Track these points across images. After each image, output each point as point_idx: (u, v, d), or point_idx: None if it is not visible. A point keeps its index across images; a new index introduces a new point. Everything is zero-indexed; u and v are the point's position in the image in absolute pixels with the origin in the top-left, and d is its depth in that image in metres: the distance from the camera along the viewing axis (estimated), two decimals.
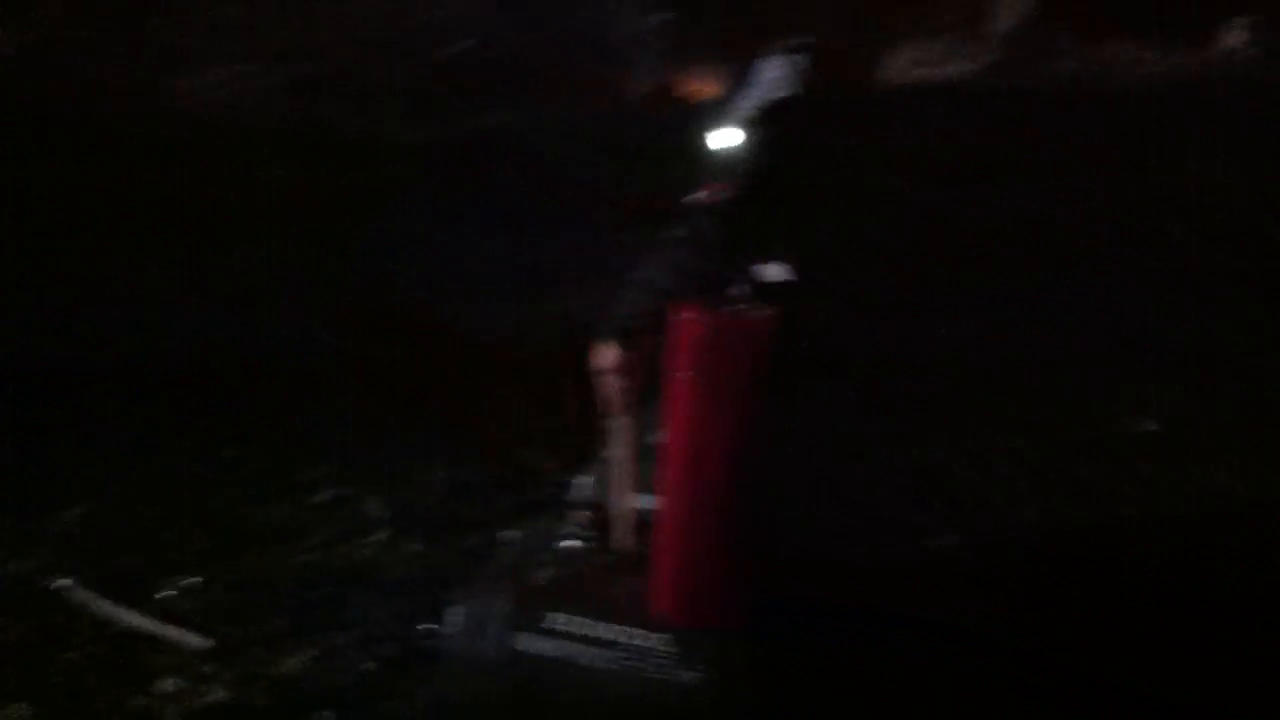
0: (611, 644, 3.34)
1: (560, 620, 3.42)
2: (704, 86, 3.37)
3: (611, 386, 3.35)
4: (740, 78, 3.20)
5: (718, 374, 3.13)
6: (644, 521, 3.54)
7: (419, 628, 3.97)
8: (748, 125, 3.12)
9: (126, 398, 5.39)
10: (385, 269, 6.43)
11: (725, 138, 3.17)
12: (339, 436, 5.18)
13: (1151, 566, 4.45)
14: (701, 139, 3.24)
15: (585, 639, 3.35)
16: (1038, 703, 3.75)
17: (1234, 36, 9.93)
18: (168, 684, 3.92)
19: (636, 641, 3.34)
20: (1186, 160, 8.07)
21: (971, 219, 7.37)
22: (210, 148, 7.59)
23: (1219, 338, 6.13)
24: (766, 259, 3.13)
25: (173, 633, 4.14)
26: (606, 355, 3.32)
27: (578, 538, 3.72)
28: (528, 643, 3.43)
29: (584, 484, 3.84)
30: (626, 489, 3.54)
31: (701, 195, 3.21)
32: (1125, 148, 8.27)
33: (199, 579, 4.38)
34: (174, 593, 4.33)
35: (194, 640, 4.11)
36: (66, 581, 4.34)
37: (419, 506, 4.77)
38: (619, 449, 3.51)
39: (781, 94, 3.08)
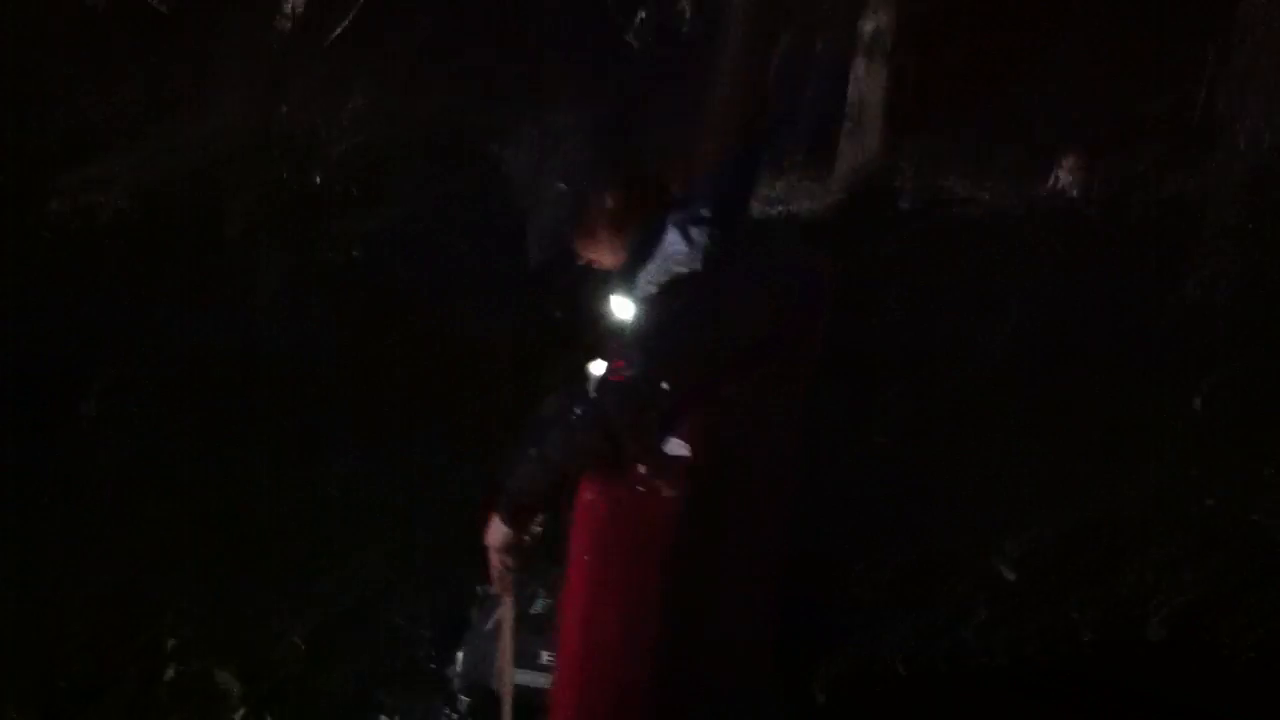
0: None
1: None
2: (600, 252, 3.08)
3: (497, 564, 3.10)
4: (638, 245, 2.97)
5: (620, 558, 2.94)
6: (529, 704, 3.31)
7: None
8: (646, 299, 2.93)
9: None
10: None
11: (622, 310, 3.01)
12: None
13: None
14: (598, 309, 3.09)
15: None
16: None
17: (1061, 176, 10.78)
18: None
19: None
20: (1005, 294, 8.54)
21: None
22: None
23: None
24: (668, 435, 2.91)
25: None
26: (495, 532, 3.06)
27: None
28: None
29: (462, 661, 3.67)
30: (507, 672, 3.28)
31: (601, 369, 3.03)
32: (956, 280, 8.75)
33: None
34: None
35: None
36: None
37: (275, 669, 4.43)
38: (502, 628, 3.29)
39: (681, 267, 2.88)
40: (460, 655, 3.70)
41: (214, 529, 4.76)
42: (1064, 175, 10.76)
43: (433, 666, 3.88)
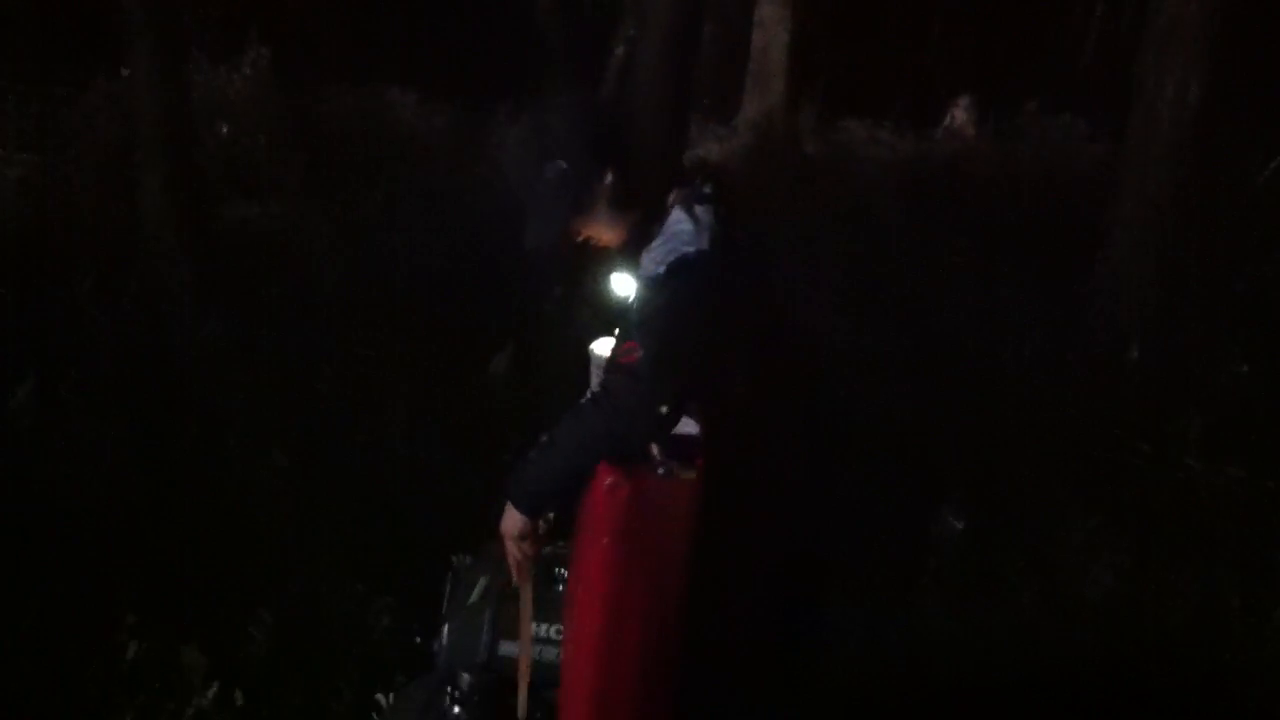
0: None
1: None
2: (600, 231, 3.03)
3: (514, 553, 3.07)
4: (641, 224, 2.96)
5: (641, 542, 2.92)
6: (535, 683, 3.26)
7: None
8: (653, 280, 2.88)
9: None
10: None
11: (625, 289, 3.01)
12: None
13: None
14: (605, 292, 3.11)
15: None
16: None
17: (956, 118, 10.95)
18: None
19: None
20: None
21: None
22: None
23: None
24: (681, 415, 2.90)
25: None
26: (510, 521, 3.01)
27: (464, 701, 3.33)
28: None
29: (446, 635, 3.52)
30: (526, 657, 3.22)
31: (605, 348, 3.06)
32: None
33: None
34: None
35: None
36: None
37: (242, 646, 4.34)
38: (522, 616, 3.22)
39: (688, 246, 2.85)
40: (445, 629, 3.60)
41: (172, 502, 4.69)
42: (959, 117, 10.96)
43: (417, 640, 3.83)
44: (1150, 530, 4.80)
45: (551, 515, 3.09)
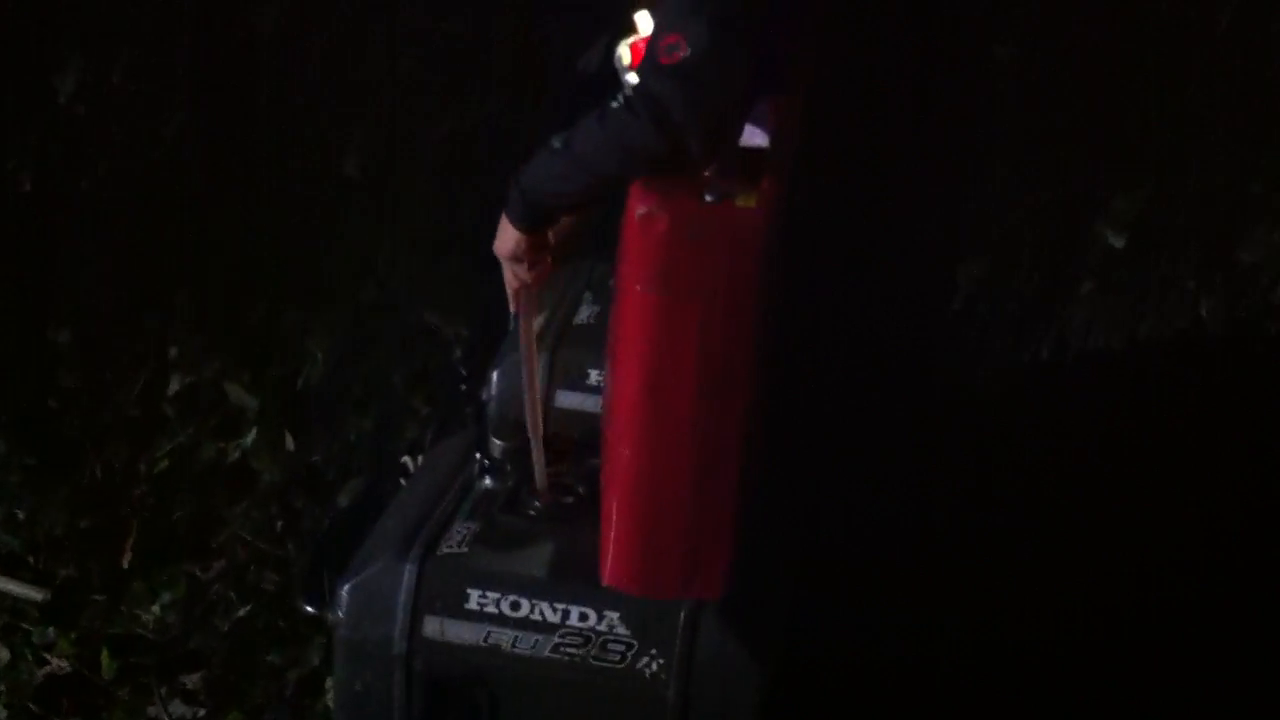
0: (548, 626, 2.57)
1: (480, 598, 2.59)
2: None
3: (515, 279, 2.51)
4: None
5: (690, 285, 2.22)
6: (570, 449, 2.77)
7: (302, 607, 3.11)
8: None
9: None
10: None
11: None
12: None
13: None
14: None
15: (513, 621, 2.56)
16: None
17: None
18: None
19: (581, 622, 2.57)
20: None
21: None
22: None
23: None
24: (743, 123, 2.29)
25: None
26: (504, 238, 2.43)
27: (494, 471, 2.80)
28: (440, 628, 2.60)
29: (496, 381, 2.93)
30: (533, 415, 2.70)
31: (648, 46, 2.26)
32: None
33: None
34: None
35: (25, 592, 3.52)
36: None
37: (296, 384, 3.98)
38: (524, 360, 2.68)
39: None
40: (495, 374, 2.94)
41: (217, 218, 4.10)
42: None
43: (463, 388, 3.26)
44: None
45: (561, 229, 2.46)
